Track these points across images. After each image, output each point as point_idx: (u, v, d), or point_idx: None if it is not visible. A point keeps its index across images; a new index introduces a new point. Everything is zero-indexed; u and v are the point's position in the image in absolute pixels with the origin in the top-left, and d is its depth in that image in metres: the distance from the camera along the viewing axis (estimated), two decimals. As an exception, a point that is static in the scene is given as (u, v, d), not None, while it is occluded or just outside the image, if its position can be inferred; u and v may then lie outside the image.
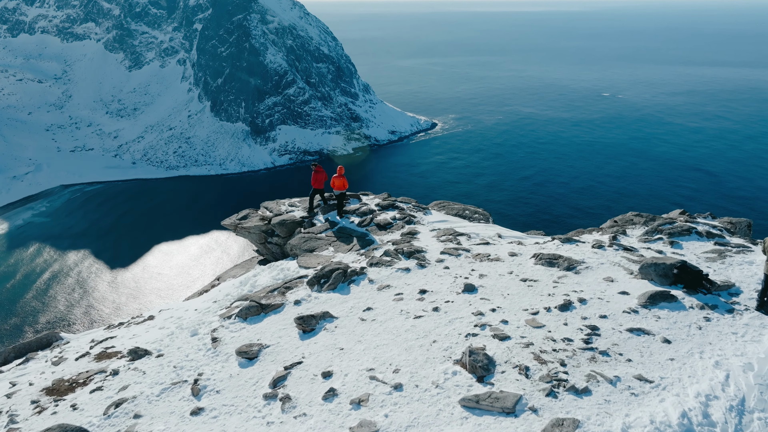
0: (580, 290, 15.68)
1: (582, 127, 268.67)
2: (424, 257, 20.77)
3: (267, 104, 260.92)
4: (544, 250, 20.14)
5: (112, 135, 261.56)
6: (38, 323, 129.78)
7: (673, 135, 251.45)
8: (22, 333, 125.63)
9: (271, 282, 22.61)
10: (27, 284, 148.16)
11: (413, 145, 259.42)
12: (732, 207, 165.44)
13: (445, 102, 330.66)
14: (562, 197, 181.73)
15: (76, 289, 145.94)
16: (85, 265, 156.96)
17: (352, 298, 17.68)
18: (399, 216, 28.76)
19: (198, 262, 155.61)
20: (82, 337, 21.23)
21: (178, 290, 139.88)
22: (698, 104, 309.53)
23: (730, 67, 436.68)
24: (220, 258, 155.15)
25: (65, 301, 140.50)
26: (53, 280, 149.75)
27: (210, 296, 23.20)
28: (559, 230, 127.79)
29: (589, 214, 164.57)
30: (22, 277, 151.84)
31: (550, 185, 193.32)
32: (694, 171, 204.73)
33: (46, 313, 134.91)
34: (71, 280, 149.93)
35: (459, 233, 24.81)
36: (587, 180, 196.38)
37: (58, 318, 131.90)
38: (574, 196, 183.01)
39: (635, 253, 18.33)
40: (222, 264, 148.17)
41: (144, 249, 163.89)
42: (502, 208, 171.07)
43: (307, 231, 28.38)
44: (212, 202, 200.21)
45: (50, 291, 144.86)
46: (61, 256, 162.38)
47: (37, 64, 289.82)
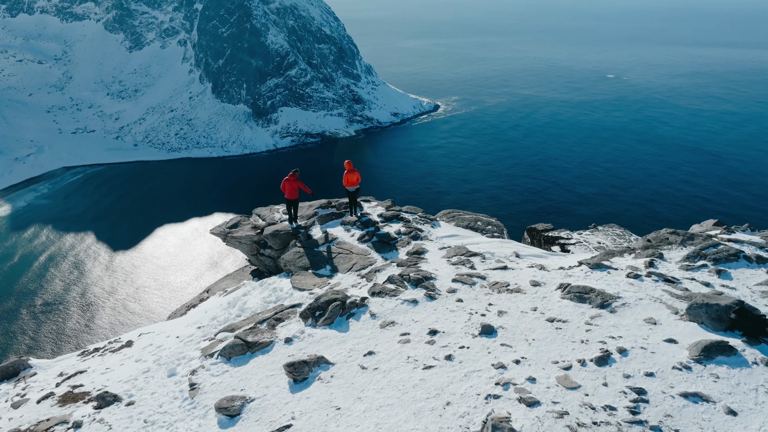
0: (618, 336, 13.13)
1: (585, 109, 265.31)
2: (433, 286, 17.97)
3: (269, 86, 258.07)
4: (571, 277, 17.37)
5: (113, 117, 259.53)
6: (35, 306, 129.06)
7: (677, 117, 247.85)
8: (19, 315, 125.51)
9: (261, 305, 20.36)
10: (27, 265, 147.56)
11: (416, 128, 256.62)
12: (731, 192, 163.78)
13: (448, 83, 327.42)
14: (563, 182, 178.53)
15: (74, 271, 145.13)
16: (85, 247, 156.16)
17: (351, 337, 15.22)
18: (404, 229, 25.82)
19: (199, 246, 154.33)
20: (52, 367, 19.13)
21: (178, 280, 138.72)
22: (703, 86, 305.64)
23: (741, 48, 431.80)
24: (219, 243, 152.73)
25: (64, 282, 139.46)
26: (52, 262, 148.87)
27: (195, 317, 21.00)
28: (559, 217, 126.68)
29: (589, 199, 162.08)
30: (20, 259, 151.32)
31: (552, 170, 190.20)
32: (696, 153, 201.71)
33: (44, 294, 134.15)
34: (71, 262, 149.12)
35: (472, 253, 21.99)
36: (589, 165, 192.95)
37: (56, 300, 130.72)
38: (574, 180, 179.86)
39: (678, 285, 15.60)
40: (221, 251, 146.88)
41: (146, 231, 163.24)
42: (503, 194, 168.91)
43: (302, 245, 25.79)
44: (214, 185, 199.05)
45: (49, 272, 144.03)
46: (63, 238, 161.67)
47: (37, 45, 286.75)
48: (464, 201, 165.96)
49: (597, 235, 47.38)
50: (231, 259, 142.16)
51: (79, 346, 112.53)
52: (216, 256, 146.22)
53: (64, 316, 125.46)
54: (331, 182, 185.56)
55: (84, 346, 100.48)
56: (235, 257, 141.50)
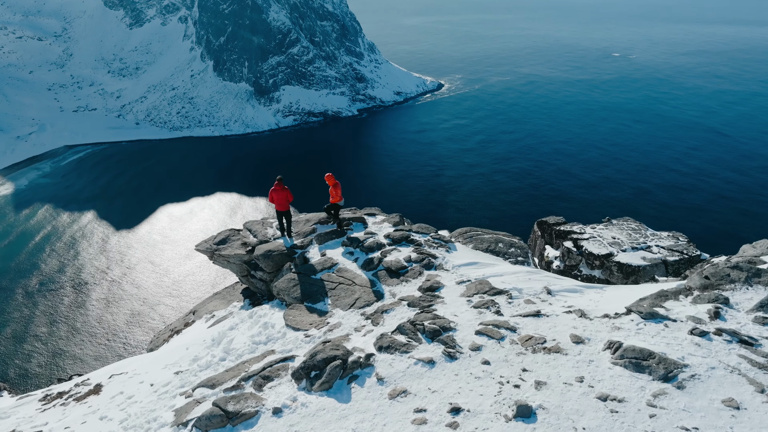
0: (692, 428, 10.12)
1: (591, 89, 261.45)
2: (453, 340, 14.77)
3: (270, 64, 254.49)
4: (620, 331, 14.04)
5: (114, 95, 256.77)
6: (30, 285, 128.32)
7: (682, 96, 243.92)
8: (14, 295, 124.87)
9: (248, 346, 17.61)
10: (27, 245, 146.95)
11: (419, 107, 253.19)
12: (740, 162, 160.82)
13: (453, 62, 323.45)
14: (566, 166, 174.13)
15: (70, 250, 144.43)
16: (86, 226, 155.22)
17: (353, 410, 12.24)
18: (415, 256, 22.39)
19: (201, 225, 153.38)
20: (9, 417, 16.46)
21: (177, 259, 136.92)
22: (712, 64, 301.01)
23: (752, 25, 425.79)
24: (223, 221, 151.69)
25: (61, 262, 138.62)
26: (53, 241, 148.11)
27: (175, 356, 18.35)
28: (564, 203, 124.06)
29: (594, 185, 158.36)
30: (22, 238, 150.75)
31: (555, 153, 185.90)
32: (704, 132, 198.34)
33: (41, 273, 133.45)
34: (72, 241, 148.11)
35: (496, 289, 18.54)
36: (592, 148, 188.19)
37: (53, 279, 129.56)
38: (578, 164, 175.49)
39: (757, 348, 12.37)
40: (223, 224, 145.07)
41: (148, 211, 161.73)
42: (507, 181, 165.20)
43: (297, 270, 22.62)
44: (217, 164, 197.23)
45: (49, 251, 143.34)
46: (65, 217, 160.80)
47: (37, 21, 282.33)
48: (467, 184, 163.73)
49: (611, 229, 44.81)
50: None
51: (73, 329, 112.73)
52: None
53: (59, 295, 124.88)
54: (335, 164, 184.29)
55: (62, 370, 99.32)
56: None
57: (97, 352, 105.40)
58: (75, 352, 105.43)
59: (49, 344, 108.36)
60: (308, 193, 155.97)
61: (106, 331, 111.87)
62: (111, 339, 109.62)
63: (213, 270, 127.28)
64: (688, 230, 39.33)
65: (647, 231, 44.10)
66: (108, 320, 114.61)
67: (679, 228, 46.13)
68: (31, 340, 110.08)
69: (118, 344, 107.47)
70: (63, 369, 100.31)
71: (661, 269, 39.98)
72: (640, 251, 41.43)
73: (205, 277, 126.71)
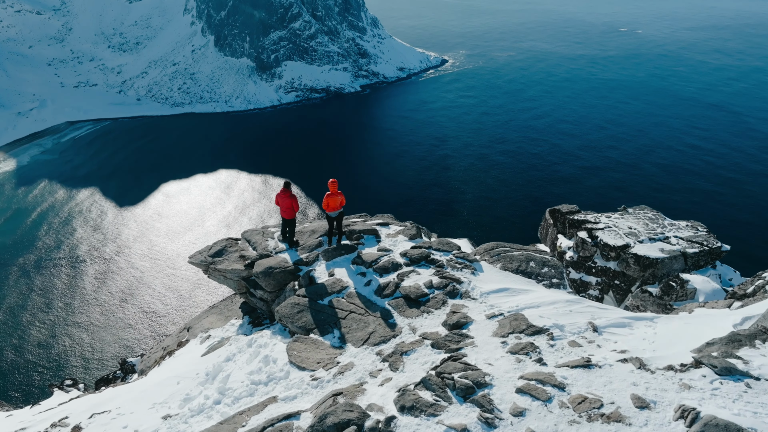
0: None
1: (597, 64, 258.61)
2: (489, 401, 12.47)
3: (272, 39, 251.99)
4: (691, 391, 11.79)
5: (115, 70, 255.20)
6: (29, 263, 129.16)
7: (690, 72, 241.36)
8: (8, 274, 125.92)
9: (246, 386, 16.42)
10: (30, 222, 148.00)
11: (422, 83, 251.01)
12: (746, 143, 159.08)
13: (457, 37, 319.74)
14: (570, 148, 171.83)
15: (66, 227, 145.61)
16: (88, 204, 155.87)
17: None
18: (437, 280, 19.81)
19: (204, 203, 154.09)
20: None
21: (180, 233, 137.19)
22: (720, 40, 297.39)
23: None
24: (225, 198, 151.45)
25: (59, 239, 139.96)
26: (56, 219, 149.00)
27: (165, 392, 17.73)
28: (571, 185, 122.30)
29: (599, 168, 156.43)
30: (24, 215, 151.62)
31: (559, 134, 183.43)
32: (711, 109, 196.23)
33: (42, 250, 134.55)
34: (73, 218, 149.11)
35: (534, 327, 16.04)
36: (598, 129, 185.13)
37: (54, 255, 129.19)
38: (581, 145, 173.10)
39: None
40: (225, 205, 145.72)
41: (151, 188, 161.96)
42: (509, 163, 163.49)
43: (303, 294, 20.26)
44: (219, 141, 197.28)
45: (53, 229, 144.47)
46: (67, 194, 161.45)
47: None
48: (476, 164, 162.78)
49: (627, 218, 43.76)
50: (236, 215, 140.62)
51: (70, 305, 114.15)
52: (199, 215, 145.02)
53: (56, 273, 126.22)
54: (338, 142, 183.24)
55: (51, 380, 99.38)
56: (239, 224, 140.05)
57: (93, 333, 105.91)
58: (72, 333, 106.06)
59: (47, 322, 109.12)
60: (310, 173, 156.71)
61: (102, 308, 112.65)
62: (106, 314, 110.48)
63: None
64: (704, 218, 38.14)
65: (665, 220, 42.90)
66: (106, 299, 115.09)
67: (700, 218, 44.60)
68: (28, 317, 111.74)
69: (115, 321, 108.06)
70: (59, 352, 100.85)
71: (680, 262, 38.85)
72: (658, 242, 40.30)
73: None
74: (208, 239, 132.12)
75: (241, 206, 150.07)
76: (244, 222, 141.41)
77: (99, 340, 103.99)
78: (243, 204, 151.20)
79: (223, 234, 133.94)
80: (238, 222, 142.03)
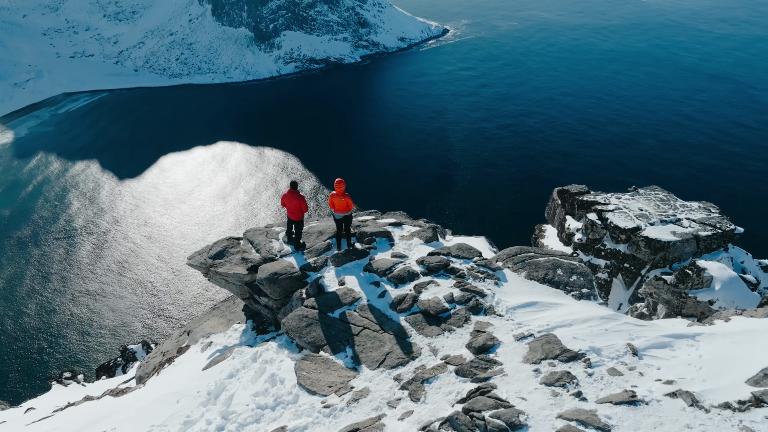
0: None
1: (600, 34, 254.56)
2: None
3: (270, 8, 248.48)
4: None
5: (111, 40, 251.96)
6: (25, 236, 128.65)
7: (695, 42, 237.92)
8: (4, 246, 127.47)
9: (252, 411, 14.70)
10: (26, 194, 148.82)
11: (423, 54, 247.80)
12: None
13: (458, 6, 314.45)
14: (572, 123, 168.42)
15: (61, 201, 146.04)
16: (87, 176, 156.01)
17: None
18: (458, 293, 17.93)
19: (202, 176, 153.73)
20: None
21: (179, 205, 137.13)
22: (726, 8, 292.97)
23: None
24: (220, 172, 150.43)
25: (55, 212, 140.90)
26: (49, 191, 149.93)
27: (162, 411, 16.21)
28: (573, 159, 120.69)
29: (603, 142, 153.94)
30: (12, 187, 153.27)
31: (561, 107, 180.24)
32: (715, 80, 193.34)
33: (48, 222, 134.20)
34: (71, 191, 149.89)
35: (569, 352, 14.27)
36: (602, 104, 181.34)
37: (52, 229, 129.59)
38: (584, 119, 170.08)
39: None
40: (222, 174, 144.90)
41: (150, 160, 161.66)
42: (509, 134, 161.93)
43: (311, 306, 18.48)
44: (218, 112, 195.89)
45: (46, 202, 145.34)
46: (63, 166, 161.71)
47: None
48: (472, 137, 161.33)
49: (638, 200, 42.60)
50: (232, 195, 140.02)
51: (67, 278, 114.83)
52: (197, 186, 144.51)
53: (53, 245, 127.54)
54: (339, 115, 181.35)
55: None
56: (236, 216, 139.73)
57: (90, 305, 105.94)
58: (68, 306, 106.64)
59: (45, 295, 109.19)
60: (308, 146, 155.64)
61: (100, 281, 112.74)
62: (103, 286, 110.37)
63: (206, 221, 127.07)
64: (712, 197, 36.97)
65: (676, 202, 41.54)
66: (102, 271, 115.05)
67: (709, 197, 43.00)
68: (26, 288, 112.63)
69: (112, 290, 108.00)
70: (55, 333, 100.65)
71: (692, 245, 37.55)
72: (670, 225, 39.05)
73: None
74: (204, 212, 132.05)
75: (236, 178, 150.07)
76: (240, 194, 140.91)
77: (97, 313, 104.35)
78: (238, 176, 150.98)
79: (219, 208, 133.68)
80: (232, 195, 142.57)
